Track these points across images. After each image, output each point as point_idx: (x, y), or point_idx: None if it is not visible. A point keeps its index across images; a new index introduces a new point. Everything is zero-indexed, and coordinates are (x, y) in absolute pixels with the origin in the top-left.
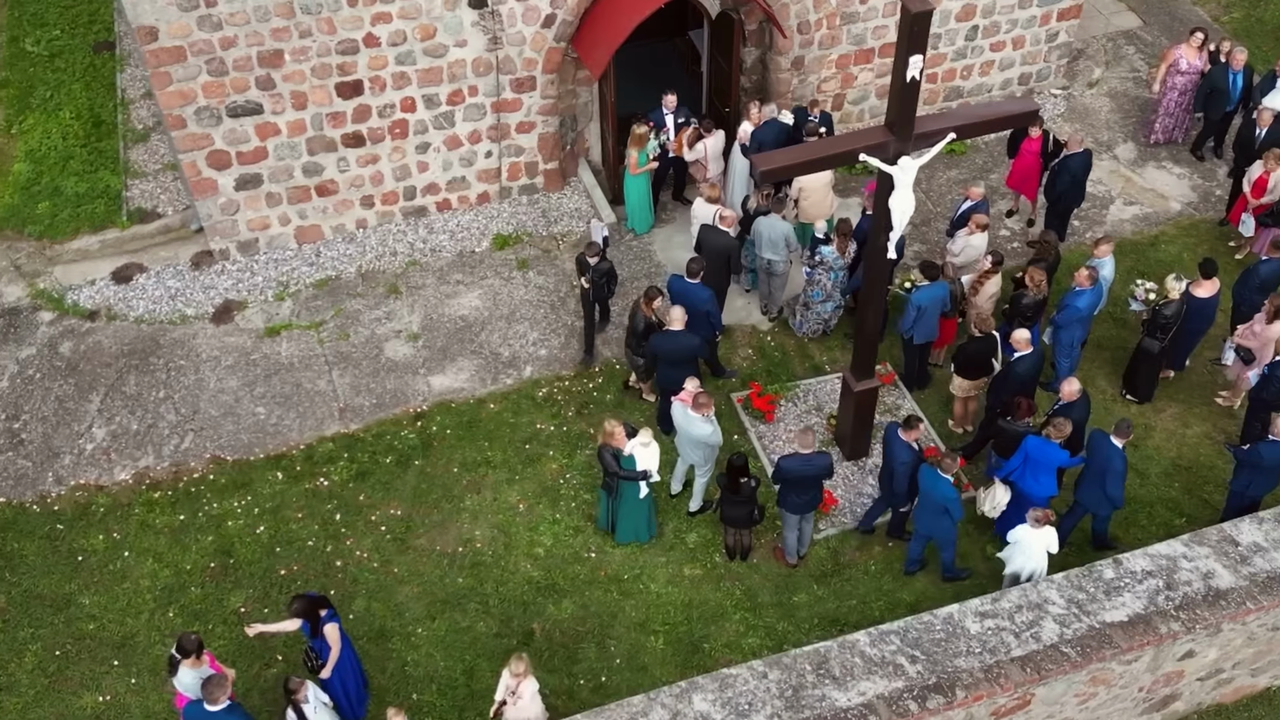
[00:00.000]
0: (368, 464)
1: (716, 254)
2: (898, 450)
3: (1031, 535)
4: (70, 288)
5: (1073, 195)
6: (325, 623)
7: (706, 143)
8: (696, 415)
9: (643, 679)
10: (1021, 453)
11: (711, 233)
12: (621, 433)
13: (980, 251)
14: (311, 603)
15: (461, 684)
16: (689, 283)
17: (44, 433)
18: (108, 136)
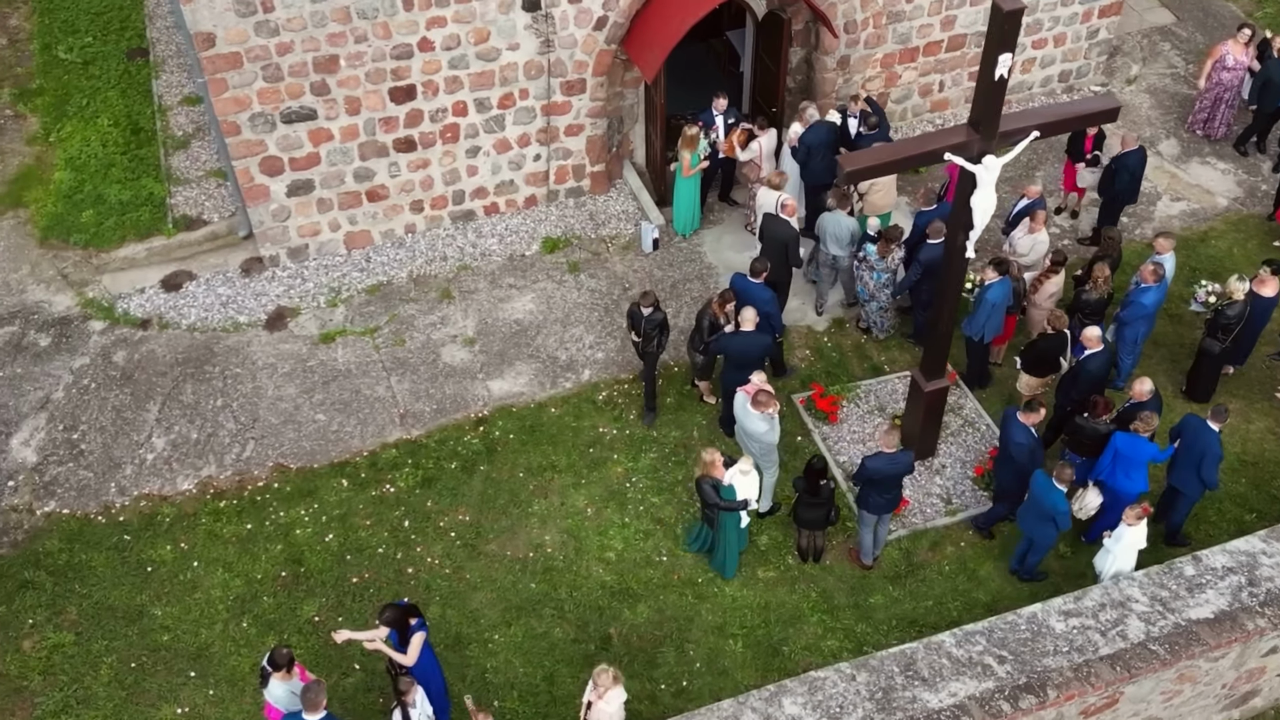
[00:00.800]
0: (433, 470)
1: (776, 243)
2: (1015, 433)
3: (1130, 534)
4: (120, 296)
5: (1130, 193)
6: (414, 632)
7: (760, 141)
8: (755, 412)
9: (724, 683)
10: (1111, 450)
11: (773, 221)
12: (720, 462)
13: (1045, 249)
14: (402, 612)
15: (543, 690)
16: (751, 281)
17: (103, 443)
18: (148, 144)
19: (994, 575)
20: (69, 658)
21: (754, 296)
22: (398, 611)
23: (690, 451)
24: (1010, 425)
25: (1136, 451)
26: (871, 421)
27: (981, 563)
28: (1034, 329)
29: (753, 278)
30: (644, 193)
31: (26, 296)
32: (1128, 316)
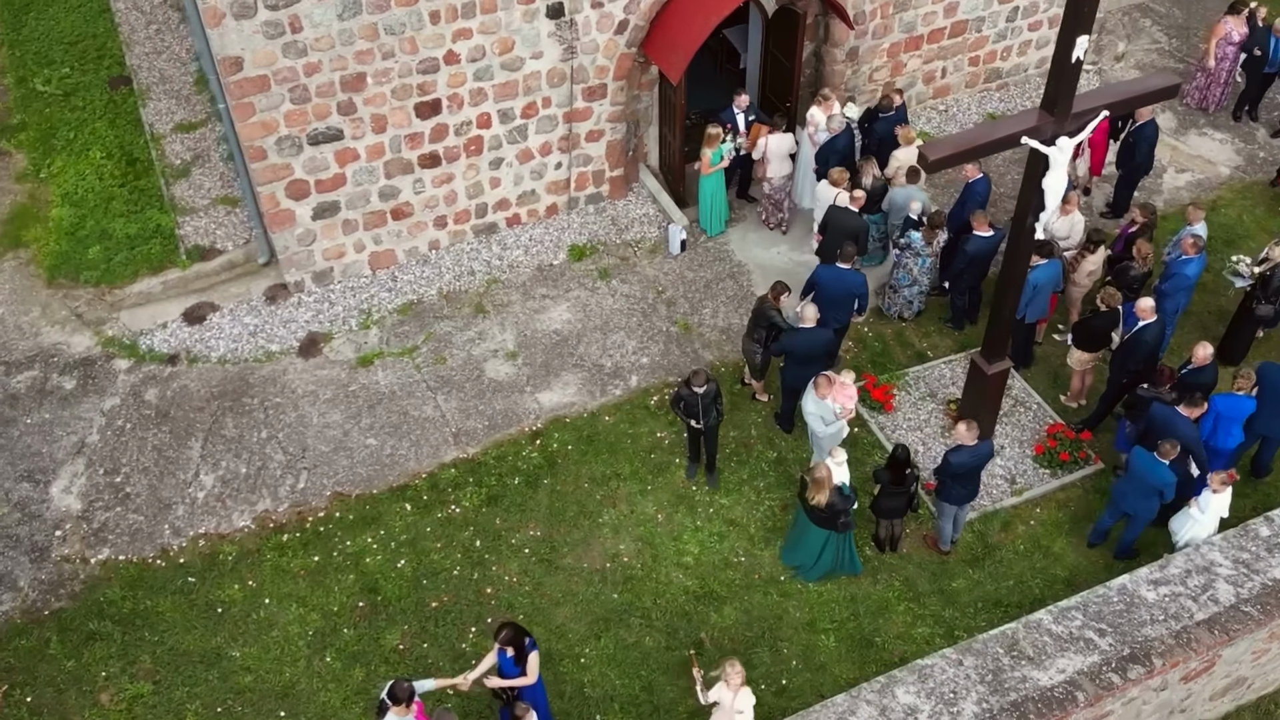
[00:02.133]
0: (496, 487)
1: (847, 234)
2: (1183, 427)
3: (1217, 500)
4: (141, 333)
5: (1148, 163)
6: (530, 650)
7: (769, 139)
8: (814, 393)
9: (822, 678)
10: (1212, 413)
11: (841, 213)
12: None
13: (1084, 228)
14: (518, 629)
15: (644, 699)
16: (841, 268)
17: (149, 484)
18: (145, 174)
19: (1068, 550)
20: (150, 708)
21: (848, 281)
22: (515, 629)
23: (751, 451)
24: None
25: (1237, 409)
26: (925, 408)
27: (1054, 539)
28: (1073, 307)
29: (842, 263)
30: (663, 195)
31: (42, 339)
32: (1170, 288)
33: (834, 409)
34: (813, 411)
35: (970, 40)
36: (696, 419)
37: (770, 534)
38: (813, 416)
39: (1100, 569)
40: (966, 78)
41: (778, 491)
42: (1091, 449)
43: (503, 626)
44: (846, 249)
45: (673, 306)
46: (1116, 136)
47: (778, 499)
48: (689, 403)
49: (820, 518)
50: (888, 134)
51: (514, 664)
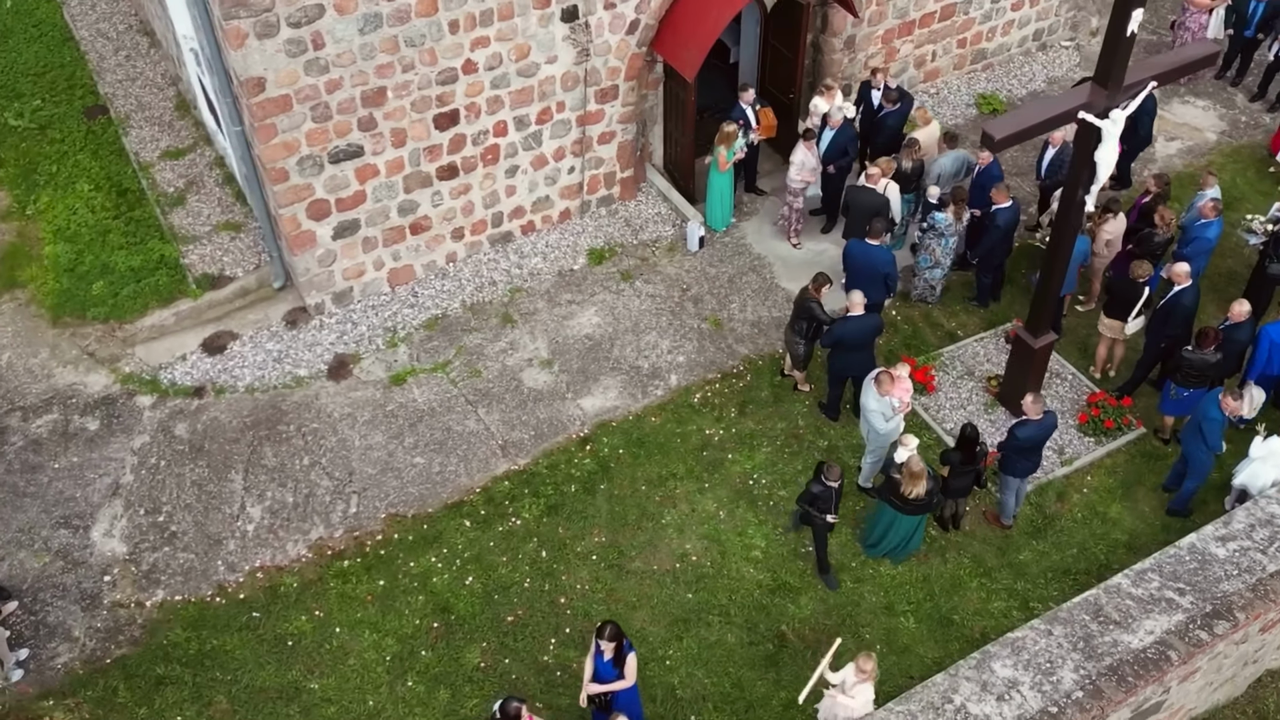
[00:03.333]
0: (554, 496)
1: (869, 213)
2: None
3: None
4: (161, 367)
5: (1148, 136)
6: (628, 652)
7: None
8: (874, 389)
9: (908, 660)
10: (1265, 343)
11: (861, 192)
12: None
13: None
14: (620, 628)
15: (736, 696)
16: (870, 244)
17: (194, 521)
18: (138, 204)
19: (1124, 515)
20: None
21: (875, 258)
22: (618, 626)
23: (801, 441)
24: None
25: None
26: (964, 386)
27: (1109, 505)
28: (1095, 278)
29: (872, 240)
30: (673, 193)
31: (55, 381)
32: (1192, 252)
33: (893, 404)
34: (875, 409)
35: (959, 23)
36: (833, 512)
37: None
38: (875, 414)
39: (1157, 530)
40: (954, 60)
41: None
42: (1132, 414)
43: (606, 624)
44: (876, 225)
45: (700, 304)
46: None
47: None
48: (823, 498)
49: (917, 507)
50: (899, 125)
51: (612, 666)
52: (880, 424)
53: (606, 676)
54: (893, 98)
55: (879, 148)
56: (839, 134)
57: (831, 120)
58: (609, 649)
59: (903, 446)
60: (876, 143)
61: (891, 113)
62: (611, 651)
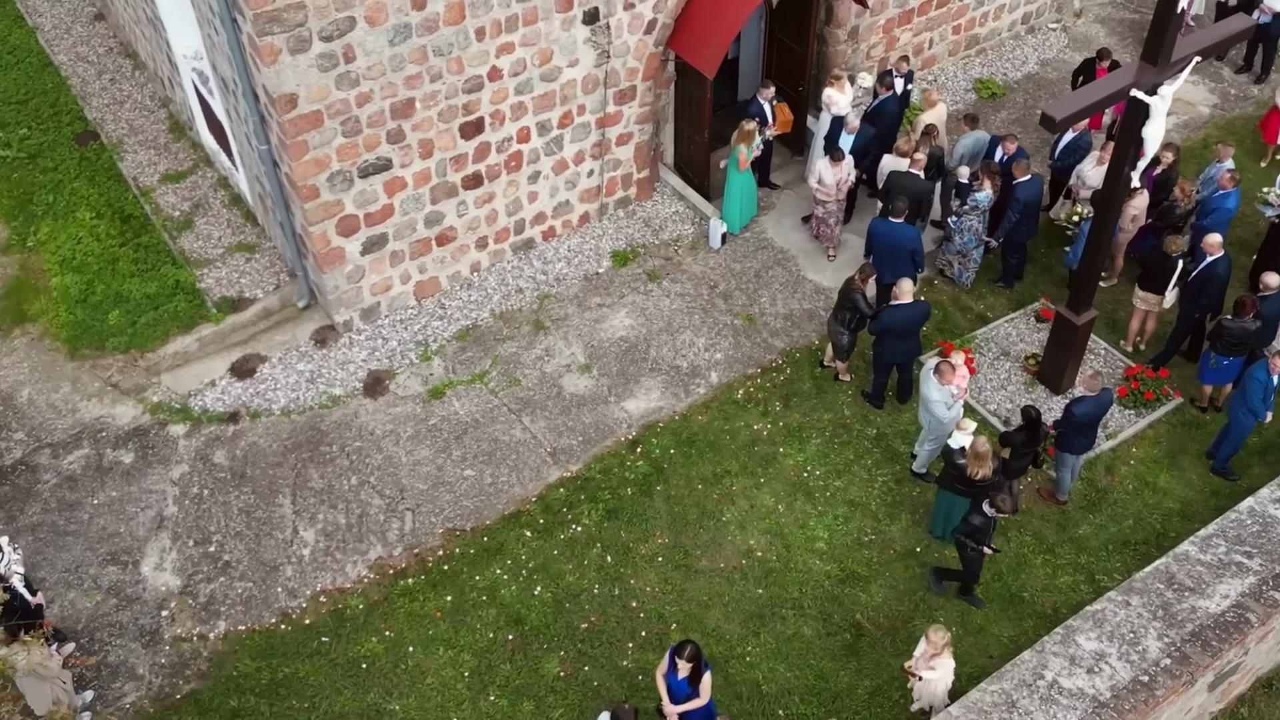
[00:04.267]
0: (611, 500)
1: (911, 199)
2: None
3: None
4: (190, 394)
5: None
6: (705, 670)
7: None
8: (934, 379)
9: (985, 640)
10: None
11: (904, 178)
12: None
13: None
14: (698, 649)
15: (820, 687)
16: (893, 223)
17: (247, 549)
18: (144, 230)
19: (1173, 484)
20: None
21: (899, 236)
22: (697, 647)
23: (850, 431)
24: None
25: None
26: (1002, 367)
27: (1157, 475)
28: (1118, 253)
29: (894, 218)
30: (690, 191)
31: (81, 415)
32: (1213, 223)
33: (952, 391)
34: (937, 399)
35: (953, 9)
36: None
37: (891, 508)
38: (937, 404)
39: (1207, 496)
40: (950, 46)
41: (886, 467)
42: (1170, 385)
43: (687, 644)
44: (897, 204)
45: (730, 300)
46: None
47: (889, 474)
48: (983, 530)
49: (981, 488)
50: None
51: (687, 684)
52: (943, 413)
53: (680, 693)
54: (889, 83)
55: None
56: (859, 137)
57: (849, 125)
58: (686, 668)
59: (960, 431)
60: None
61: (889, 98)
62: (688, 670)
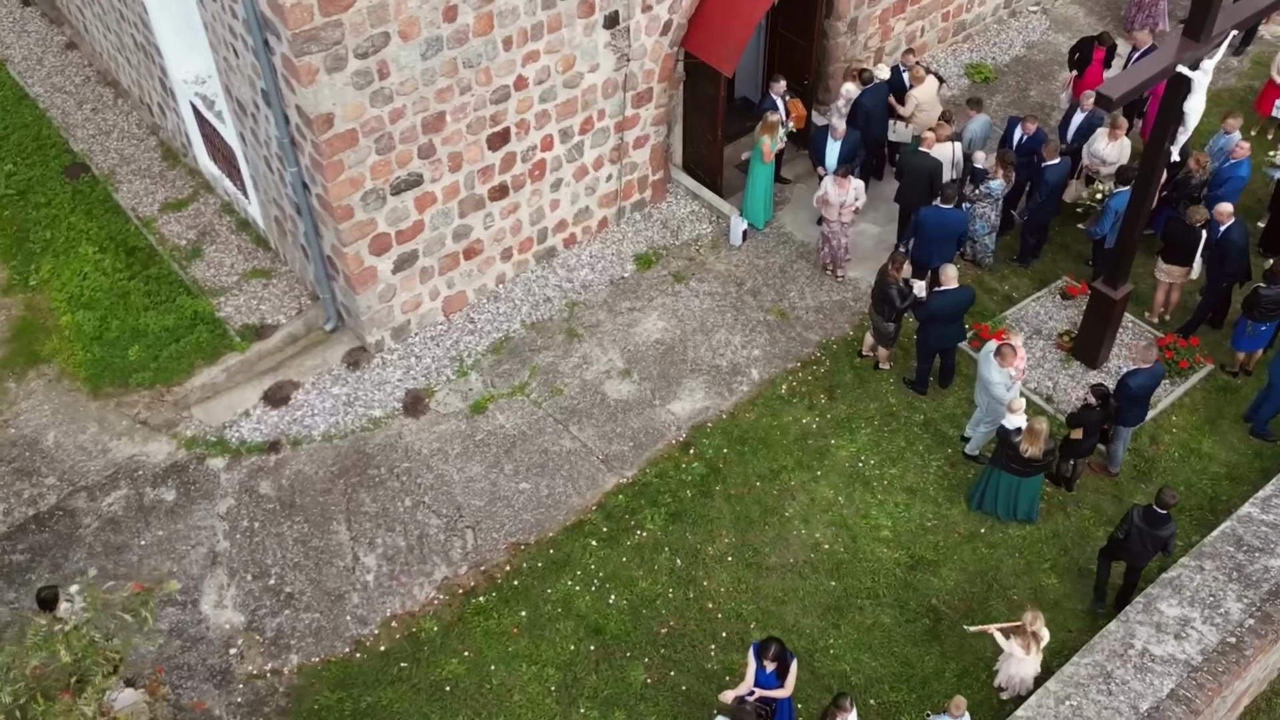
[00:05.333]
0: (672, 504)
1: (923, 176)
2: None
3: None
4: (225, 426)
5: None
6: (790, 660)
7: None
8: (995, 362)
9: (1061, 614)
10: None
11: (915, 156)
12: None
13: (1129, 152)
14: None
15: (908, 673)
16: (943, 209)
17: (309, 579)
18: (152, 261)
19: (1217, 449)
20: None
21: (951, 222)
22: (782, 644)
23: (895, 419)
24: None
25: None
26: (1036, 346)
27: (1200, 441)
28: None
29: (944, 204)
30: (704, 190)
31: (113, 455)
32: (1228, 192)
33: (1011, 373)
34: (997, 380)
35: None
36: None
37: (949, 492)
38: (997, 385)
39: (1250, 458)
40: (939, 34)
41: (939, 451)
42: (1200, 352)
43: (771, 643)
44: (947, 190)
45: (759, 296)
46: (1109, 64)
47: (941, 458)
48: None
49: (1036, 468)
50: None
51: (775, 678)
52: (1003, 394)
53: (770, 687)
54: (867, 77)
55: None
56: (867, 95)
57: (834, 131)
58: (770, 665)
59: (1013, 413)
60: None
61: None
62: (773, 666)
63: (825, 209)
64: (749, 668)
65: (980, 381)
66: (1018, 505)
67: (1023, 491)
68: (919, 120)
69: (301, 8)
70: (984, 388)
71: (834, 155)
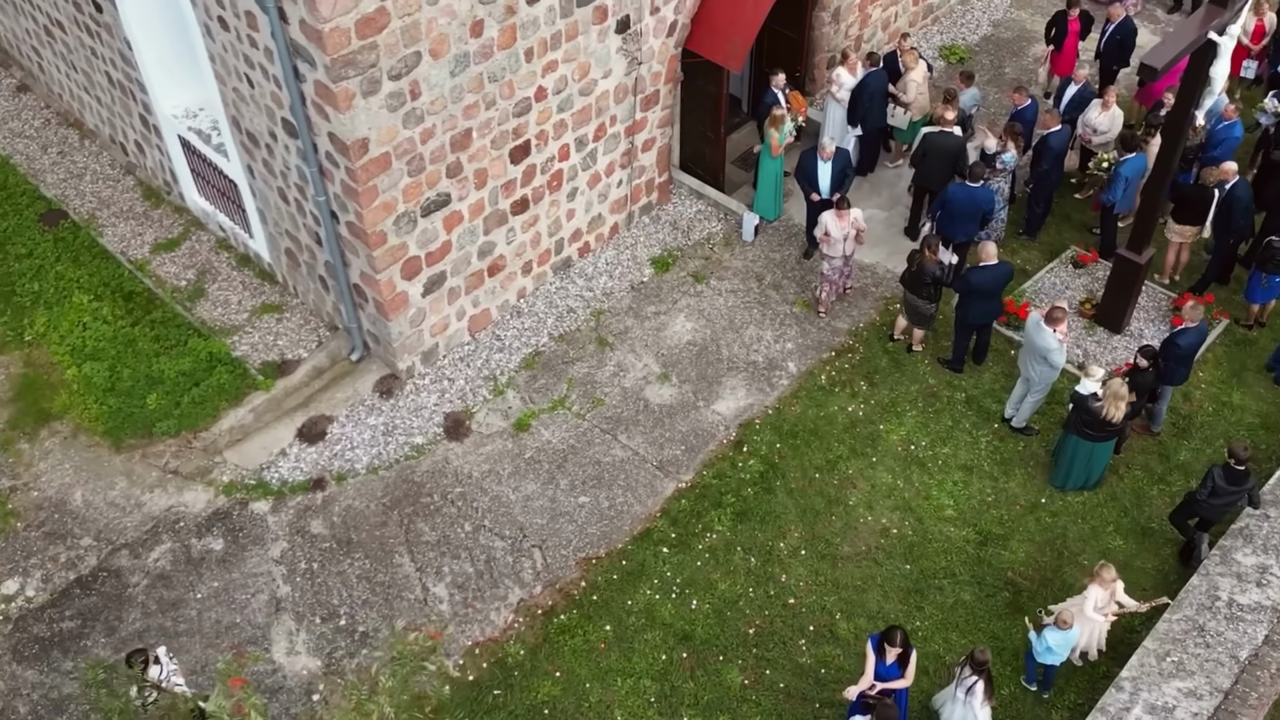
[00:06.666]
0: (736, 503)
1: (947, 155)
2: None
3: None
4: (263, 467)
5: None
6: (910, 651)
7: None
8: (1047, 329)
9: (1132, 574)
10: None
11: (939, 137)
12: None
13: (1121, 122)
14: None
15: (1001, 647)
16: (972, 187)
17: (380, 615)
18: (153, 306)
19: (1246, 400)
20: None
21: (979, 199)
22: (905, 634)
23: (937, 399)
24: None
25: None
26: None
27: (1230, 394)
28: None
29: (972, 182)
30: (708, 189)
31: (149, 508)
32: (1223, 152)
33: (1058, 337)
34: (1055, 346)
35: None
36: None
37: (1003, 466)
38: (1055, 352)
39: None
40: (910, 18)
41: (985, 427)
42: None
43: (895, 631)
44: (975, 169)
45: (781, 290)
46: (1085, 36)
47: (989, 433)
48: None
49: (1110, 432)
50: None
51: (897, 668)
52: (1060, 359)
53: (891, 678)
54: (876, 60)
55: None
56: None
57: (824, 150)
58: (894, 654)
59: (1088, 378)
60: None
61: (873, 73)
62: (895, 656)
63: (829, 245)
64: (868, 661)
65: (1033, 352)
66: (1091, 472)
67: (1096, 457)
68: (917, 104)
69: (339, 32)
70: (1038, 357)
71: (826, 178)
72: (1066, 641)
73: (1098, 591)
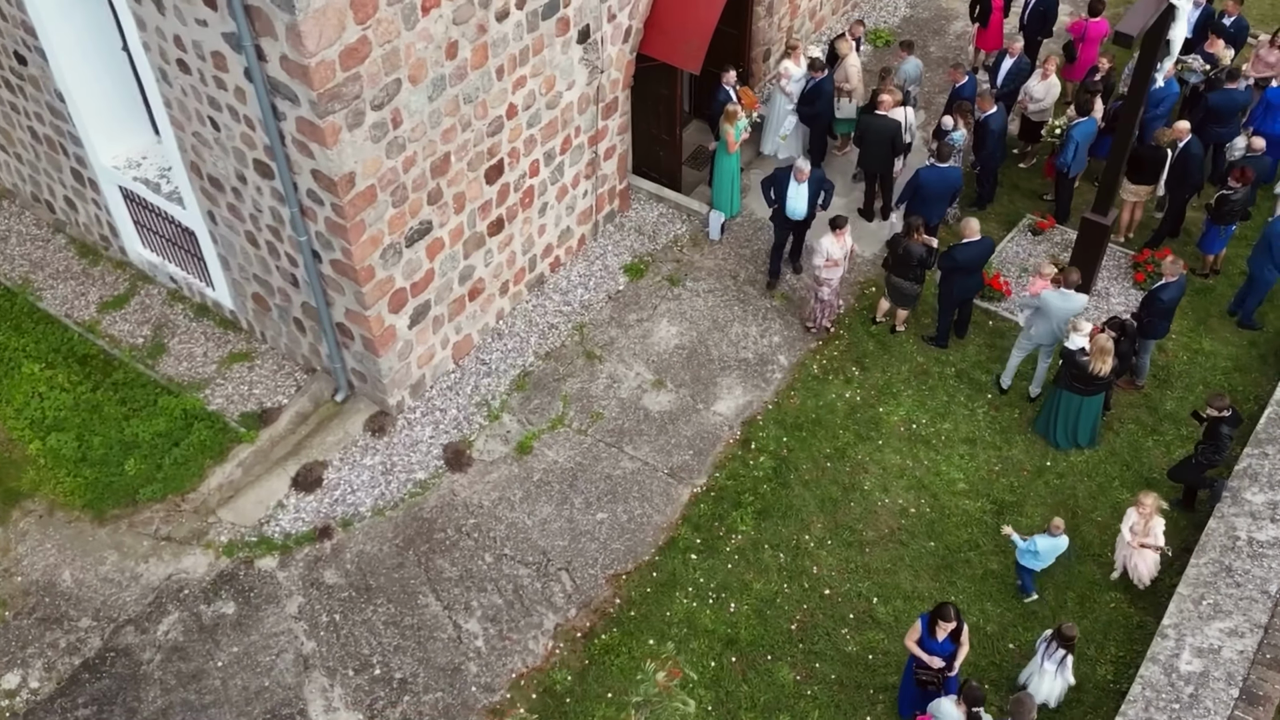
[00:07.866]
0: (755, 502)
1: (883, 137)
2: None
3: None
4: (262, 523)
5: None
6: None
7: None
8: (1069, 289)
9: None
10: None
11: (874, 119)
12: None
13: (1058, 91)
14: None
15: (1034, 611)
16: (942, 167)
17: (416, 659)
18: (112, 367)
19: (1217, 347)
20: None
21: (951, 179)
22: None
23: (929, 376)
24: None
25: None
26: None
27: (1200, 341)
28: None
29: (940, 162)
30: (666, 191)
31: (147, 580)
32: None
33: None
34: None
35: None
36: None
37: (1004, 434)
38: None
39: (1247, 348)
40: (832, 6)
41: (979, 398)
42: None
43: (948, 606)
44: (944, 149)
45: (756, 284)
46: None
47: (984, 404)
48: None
49: (1099, 386)
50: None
51: (951, 641)
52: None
53: (944, 654)
54: (820, 65)
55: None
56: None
57: (799, 173)
58: (947, 629)
59: (1076, 333)
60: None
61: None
62: (948, 631)
63: (829, 269)
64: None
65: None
66: (1078, 427)
67: (1084, 411)
68: (859, 90)
69: (325, 65)
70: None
71: (802, 200)
72: (1053, 548)
73: (1134, 515)
